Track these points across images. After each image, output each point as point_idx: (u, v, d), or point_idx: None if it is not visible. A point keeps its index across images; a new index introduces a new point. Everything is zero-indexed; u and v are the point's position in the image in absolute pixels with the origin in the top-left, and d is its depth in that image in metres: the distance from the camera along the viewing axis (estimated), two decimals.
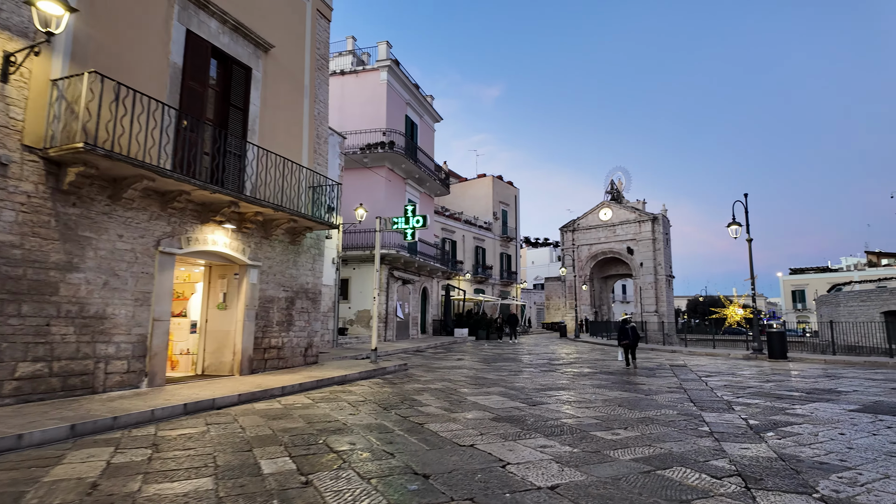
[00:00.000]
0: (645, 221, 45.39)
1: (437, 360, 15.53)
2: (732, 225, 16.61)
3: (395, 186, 23.09)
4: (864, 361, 13.39)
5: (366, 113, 22.66)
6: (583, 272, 48.03)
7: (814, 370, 12.38)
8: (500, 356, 17.10)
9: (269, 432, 5.84)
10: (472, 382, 10.19)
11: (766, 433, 5.78)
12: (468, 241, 40.21)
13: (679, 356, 18.10)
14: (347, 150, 21.89)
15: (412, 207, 12.90)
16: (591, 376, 11.43)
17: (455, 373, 11.91)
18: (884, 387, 9.25)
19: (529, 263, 77.63)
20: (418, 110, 26.11)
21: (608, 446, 5.23)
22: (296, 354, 11.70)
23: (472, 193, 47.04)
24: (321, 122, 13.03)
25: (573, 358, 16.95)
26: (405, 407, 7.46)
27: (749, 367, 13.46)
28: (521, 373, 12.03)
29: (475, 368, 12.96)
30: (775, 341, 14.91)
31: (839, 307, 28.82)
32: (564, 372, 12.37)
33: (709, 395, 8.62)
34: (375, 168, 22.05)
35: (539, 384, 10.02)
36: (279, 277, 11.29)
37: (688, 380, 10.71)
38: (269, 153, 10.43)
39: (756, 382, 10.25)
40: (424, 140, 26.63)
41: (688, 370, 12.79)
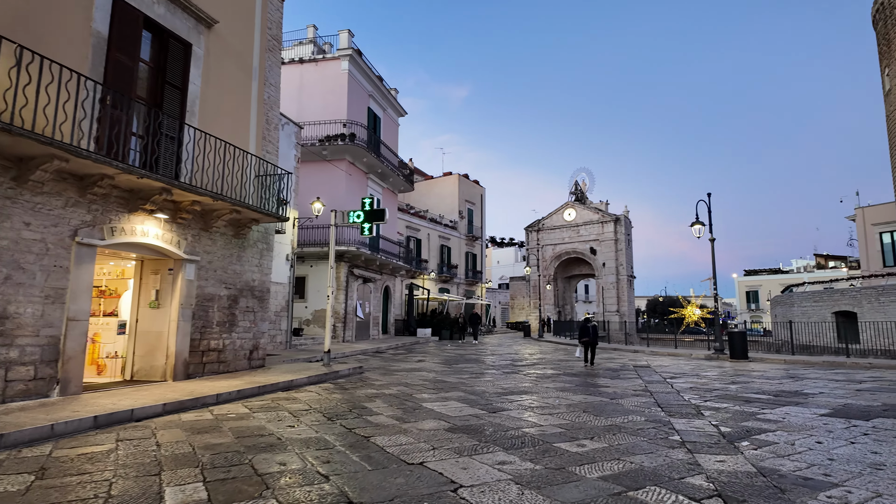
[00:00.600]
0: (608, 222, 45.84)
1: (397, 361, 14.82)
2: (696, 224, 16.55)
3: (357, 181, 22.22)
4: (822, 361, 13.45)
5: (326, 104, 21.70)
6: (547, 272, 48.13)
7: (776, 371, 12.29)
8: (463, 357, 16.53)
9: (188, 450, 5.03)
10: (431, 387, 9.55)
11: (740, 442, 5.36)
12: (433, 240, 39.59)
13: (642, 356, 17.96)
14: (305, 141, 20.90)
15: (370, 201, 12.16)
16: (555, 378, 10.97)
17: (413, 376, 11.24)
18: (848, 388, 9.11)
19: (495, 263, 77.69)
20: (382, 103, 25.28)
21: (574, 461, 4.67)
22: (239, 358, 10.78)
23: (437, 192, 46.44)
24: (272, 107, 12.12)
25: (536, 359, 16.54)
26: (353, 416, 6.75)
27: (712, 368, 13.31)
28: (483, 375, 11.46)
29: (435, 371, 12.33)
30: (737, 342, 14.88)
31: (793, 307, 29.55)
32: (527, 374, 11.88)
33: (676, 398, 8.24)
34: (335, 161, 21.13)
35: (501, 388, 9.46)
36: (220, 273, 10.35)
37: (653, 382, 10.37)
38: (209, 136, 9.50)
39: (721, 384, 9.99)
40: (388, 134, 25.82)
41: (652, 371, 12.51)
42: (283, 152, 16.93)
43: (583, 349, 14.57)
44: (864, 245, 37.47)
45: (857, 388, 9.16)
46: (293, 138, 17.52)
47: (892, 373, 11.81)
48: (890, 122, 30.12)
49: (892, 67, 29.37)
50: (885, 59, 30.27)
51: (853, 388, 9.17)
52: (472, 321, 27.53)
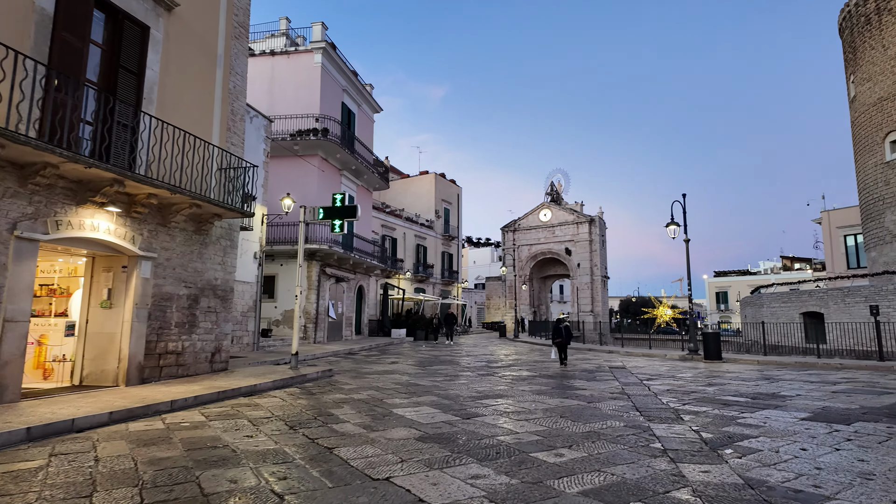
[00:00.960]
0: (583, 223, 46.11)
1: (369, 363, 14.37)
2: (671, 225, 16.54)
3: (330, 177, 21.63)
4: (794, 362, 13.54)
5: (298, 98, 21.06)
6: (523, 272, 48.17)
7: (751, 372, 12.28)
8: (437, 359, 16.16)
9: (129, 466, 4.54)
10: (403, 391, 9.15)
11: (723, 449, 5.13)
12: (409, 239, 39.14)
13: (616, 357, 17.89)
14: (276, 135, 20.23)
15: (341, 197, 11.69)
16: (531, 381, 10.69)
17: (385, 379, 10.82)
18: (823, 390, 9.06)
19: (471, 263, 77.62)
20: (356, 98, 24.72)
21: (552, 473, 4.36)
22: (200, 360, 10.19)
23: (414, 191, 46.00)
24: (237, 98, 11.55)
25: (512, 360, 16.29)
26: (317, 425, 6.31)
27: (688, 369, 13.25)
28: (458, 378, 11.12)
29: (408, 373, 11.93)
30: (711, 342, 14.89)
31: (762, 308, 30.06)
32: (503, 376, 11.58)
33: (654, 401, 8.04)
34: (307, 157, 20.51)
35: (475, 391, 9.13)
36: (180, 272, 9.76)
37: (629, 384, 10.19)
38: (167, 126, 8.90)
39: (698, 386, 9.86)
40: (363, 130, 25.29)
41: (628, 373, 12.37)
42: (252, 146, 16.29)
43: (556, 349, 14.83)
44: (830, 247, 38.49)
45: (832, 389, 9.13)
46: (262, 132, 16.88)
47: (864, 373, 11.92)
48: (855, 128, 30.94)
49: (857, 75, 30.16)
50: (850, 67, 31.09)
51: (829, 389, 9.14)
52: (446, 321, 26.89)
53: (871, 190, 28.74)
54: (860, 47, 29.92)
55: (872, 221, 28.58)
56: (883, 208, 27.67)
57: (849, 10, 30.92)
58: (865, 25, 29.98)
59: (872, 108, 28.73)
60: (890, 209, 27.18)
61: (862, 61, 29.67)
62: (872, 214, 28.55)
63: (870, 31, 29.74)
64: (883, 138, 28.08)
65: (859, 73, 29.64)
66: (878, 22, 29.28)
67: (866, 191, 29.28)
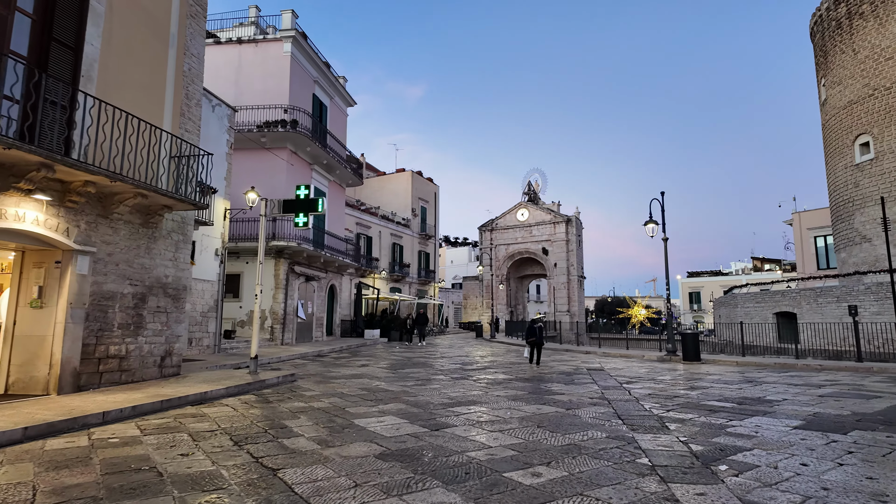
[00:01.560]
0: (559, 223, 45.99)
1: (338, 366, 13.63)
2: (649, 223, 16.21)
3: (300, 172, 20.74)
4: (774, 363, 13.30)
5: (266, 88, 20.13)
6: (500, 272, 47.82)
7: (732, 374, 11.95)
8: (410, 361, 15.50)
9: (25, 497, 3.78)
10: (369, 397, 8.47)
11: (717, 465, 4.61)
12: (385, 238, 38.36)
13: (594, 358, 17.52)
14: (242, 126, 19.29)
15: (305, 189, 10.93)
16: (507, 385, 10.13)
17: (352, 384, 10.12)
18: (810, 394, 8.71)
19: (448, 263, 77.15)
20: (329, 91, 23.86)
21: (528, 498, 3.76)
22: (147, 365, 9.33)
23: (390, 188, 45.22)
24: (193, 81, 10.69)
25: (488, 361, 15.73)
26: (266, 440, 5.60)
27: (667, 371, 12.88)
28: (430, 382, 10.48)
29: (377, 377, 11.24)
30: (690, 344, 14.58)
31: (736, 308, 30.21)
32: (478, 379, 10.99)
33: (636, 407, 7.54)
34: (275, 150, 19.60)
35: (448, 397, 8.51)
36: (125, 268, 8.89)
37: (609, 387, 9.71)
38: (106, 106, 8.03)
39: (681, 390, 9.43)
40: (335, 124, 24.43)
41: (606, 375, 11.92)
42: (214, 136, 15.39)
43: (530, 349, 14.97)
44: (801, 248, 39.08)
45: (818, 393, 8.79)
46: (226, 122, 15.96)
47: (844, 375, 11.71)
48: (826, 131, 31.36)
49: (828, 78, 30.55)
50: (821, 70, 31.51)
51: (815, 393, 8.79)
52: (418, 322, 25.62)
53: (841, 192, 29.13)
54: (831, 51, 30.31)
55: (842, 223, 28.96)
56: (853, 210, 28.04)
57: (820, 15, 31.32)
58: (836, 30, 30.38)
59: (842, 111, 29.12)
60: (859, 211, 27.55)
61: (833, 65, 30.07)
62: (843, 216, 28.93)
63: (840, 36, 30.13)
64: (853, 141, 28.47)
65: (830, 76, 30.04)
66: (848, 26, 29.67)
67: (836, 193, 29.69)
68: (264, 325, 18.74)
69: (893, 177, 26.25)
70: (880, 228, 26.57)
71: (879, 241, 26.61)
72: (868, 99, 27.99)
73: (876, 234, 26.76)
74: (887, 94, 27.12)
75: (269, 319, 18.81)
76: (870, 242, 27.16)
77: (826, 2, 30.68)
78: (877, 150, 27.27)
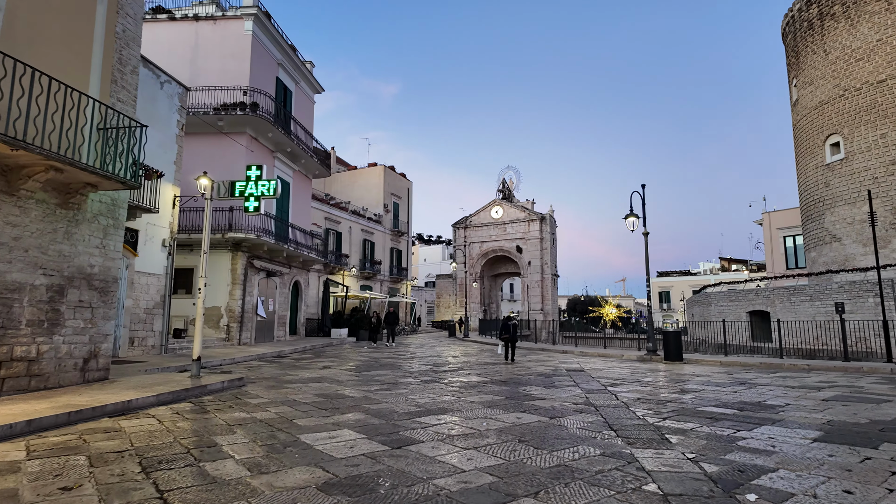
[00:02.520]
0: (534, 220, 45.48)
1: (297, 369, 12.44)
2: (630, 217, 15.51)
3: (260, 159, 19.35)
4: (759, 363, 12.71)
5: (225, 69, 18.70)
6: (474, 270, 47.02)
7: (720, 375, 11.26)
8: (378, 362, 14.41)
9: None
10: (325, 406, 7.38)
11: (742, 493, 3.72)
12: (355, 234, 37.05)
13: (571, 357, 16.77)
14: (198, 108, 17.83)
15: (257, 170, 9.75)
16: (481, 388, 9.17)
17: (308, 389, 8.99)
18: (811, 398, 8.01)
19: (422, 261, 76.19)
20: (294, 75, 22.48)
21: None
22: (66, 369, 8.01)
23: (362, 183, 43.90)
24: (128, 45, 9.37)
25: (461, 362, 14.77)
26: (185, 464, 4.48)
27: (651, 372, 12.14)
28: (396, 386, 9.43)
29: (339, 381, 10.13)
30: (672, 343, 13.91)
31: (710, 307, 30.08)
32: (450, 382, 10.00)
33: (627, 415, 6.67)
34: (234, 135, 18.19)
35: (415, 404, 7.49)
36: (36, 255, 7.56)
37: (593, 391, 8.85)
38: (17, 64, 6.72)
39: (671, 393, 8.63)
40: (301, 111, 23.08)
41: (587, 376, 11.10)
42: (163, 115, 13.99)
43: (503, 346, 15.34)
44: (770, 248, 39.45)
45: (820, 397, 8.10)
46: (176, 100, 14.55)
47: (837, 375, 11.16)
48: (797, 131, 31.52)
49: (799, 79, 30.69)
50: (793, 71, 31.66)
51: (816, 397, 8.10)
52: (387, 321, 23.63)
53: (811, 192, 29.27)
54: (803, 52, 30.45)
55: (813, 223, 29.10)
56: (823, 210, 28.17)
57: (792, 16, 31.46)
58: (808, 31, 30.52)
59: (814, 111, 29.25)
60: (830, 210, 27.68)
61: (804, 66, 30.21)
62: (813, 216, 29.06)
63: (812, 37, 30.26)
64: (823, 141, 28.61)
65: (801, 77, 30.18)
66: (820, 27, 29.81)
67: (807, 192, 29.83)
68: (220, 323, 17.35)
69: (863, 177, 26.39)
70: (850, 228, 26.71)
71: (849, 240, 26.75)
72: (839, 99, 28.13)
73: (846, 233, 26.89)
74: (857, 94, 27.27)
75: (224, 317, 17.43)
76: (840, 242, 27.30)
77: (798, 2, 30.78)
78: (847, 151, 27.41)
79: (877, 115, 26.36)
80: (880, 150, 26.20)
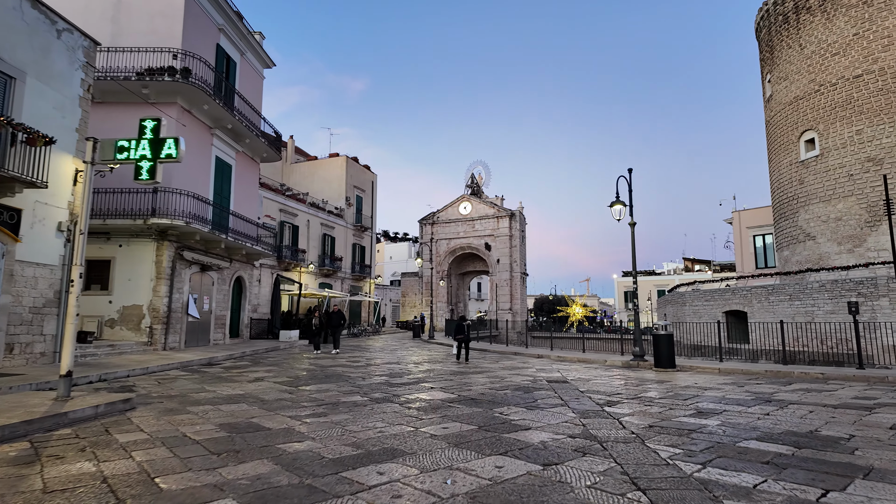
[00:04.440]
0: (503, 217, 43.86)
1: (220, 382, 10.12)
2: (616, 205, 13.77)
3: (195, 135, 16.75)
4: (765, 371, 11.09)
5: (154, 29, 16.06)
6: (441, 267, 45.04)
7: (729, 388, 9.51)
8: (324, 372, 12.18)
9: None
10: (222, 446, 5.18)
11: None
12: (314, 228, 34.50)
13: (548, 363, 14.94)
14: (117, 73, 15.17)
15: (153, 123, 7.45)
16: (447, 411, 7.12)
17: (215, 416, 6.74)
18: (872, 424, 6.27)
19: (387, 259, 73.83)
20: (239, 45, 19.91)
21: None
22: None
23: (322, 175, 41.26)
24: None
25: (423, 371, 12.69)
26: None
27: (647, 383, 10.34)
28: (336, 409, 7.29)
29: (264, 401, 7.91)
30: (664, 347, 12.17)
31: (684, 306, 29.02)
32: (407, 402, 7.92)
33: (647, 457, 4.76)
34: (162, 105, 15.55)
35: (353, 442, 5.37)
36: None
37: (588, 413, 6.95)
38: None
39: (689, 417, 6.78)
40: (248, 86, 20.52)
41: (574, 390, 9.21)
42: (60, 71, 11.42)
43: (457, 346, 15.83)
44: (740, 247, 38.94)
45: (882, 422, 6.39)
46: (80, 55, 11.94)
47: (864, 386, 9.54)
48: (770, 127, 30.77)
49: (773, 74, 29.91)
50: (767, 66, 30.90)
51: (878, 423, 6.36)
52: (330, 322, 18.79)
53: (785, 189, 28.51)
54: (777, 47, 29.70)
55: (786, 220, 28.35)
56: (797, 207, 27.41)
57: (767, 9, 30.70)
58: (783, 24, 29.77)
59: (788, 106, 28.50)
60: (804, 208, 26.92)
61: (779, 60, 29.45)
62: (786, 214, 28.31)
63: (787, 31, 29.50)
64: (798, 137, 27.85)
65: (776, 72, 29.41)
66: (795, 21, 29.06)
67: (780, 190, 29.08)
68: (141, 325, 14.74)
69: (839, 174, 25.66)
70: (825, 226, 25.94)
71: (824, 238, 26.00)
72: (814, 95, 27.38)
73: (820, 231, 26.14)
74: (833, 89, 26.54)
75: (147, 318, 14.81)
76: (814, 240, 26.56)
77: None
78: (822, 147, 26.68)
79: (852, 110, 25.65)
80: (856, 146, 25.49)
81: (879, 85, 25.39)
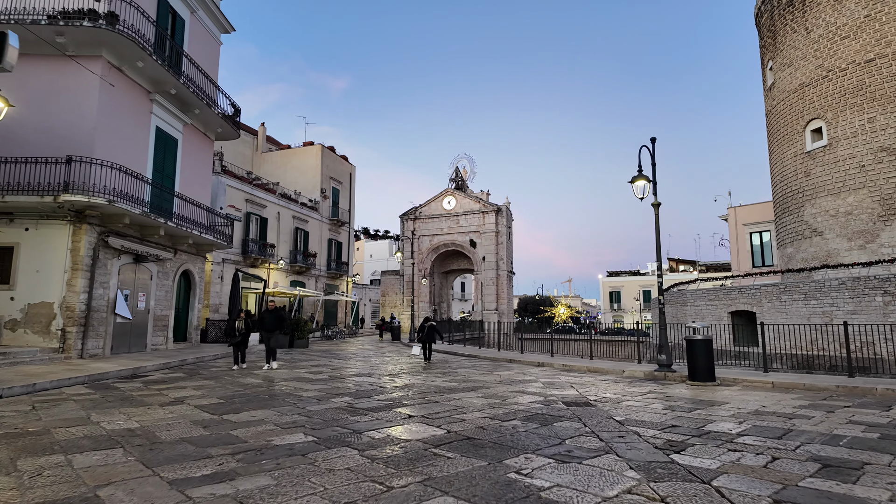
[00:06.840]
0: (489, 212, 41.47)
1: (122, 405, 7.39)
2: (638, 180, 11.29)
3: (127, 97, 13.86)
4: (836, 386, 8.74)
5: None
6: (423, 265, 42.44)
7: (817, 412, 7.06)
8: (269, 389, 9.49)
9: None
10: None
11: None
12: (285, 221, 31.64)
13: (552, 372, 12.50)
14: (24, 16, 12.24)
15: None
16: (431, 469, 4.55)
17: (41, 483, 4.09)
18: None
19: (367, 257, 70.94)
20: (190, 1, 17.04)
21: None
22: None
23: (296, 164, 38.33)
24: None
25: (401, 387, 10.07)
26: None
27: (698, 406, 7.87)
28: (257, 462, 4.66)
29: (155, 443, 5.24)
30: (701, 355, 9.68)
31: (685, 306, 26.96)
32: (371, 445, 5.33)
33: None
34: (83, 59, 12.67)
35: None
36: None
37: (655, 470, 4.48)
38: None
39: (821, 480, 4.34)
40: (200, 49, 17.64)
41: (608, 419, 6.74)
42: None
43: (421, 347, 16.22)
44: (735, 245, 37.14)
45: None
46: None
47: None
48: (771, 118, 28.84)
49: (776, 61, 27.95)
50: (769, 53, 28.96)
51: None
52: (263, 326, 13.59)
53: (788, 182, 26.61)
54: (781, 31, 27.80)
55: (790, 216, 26.46)
56: (802, 201, 25.50)
57: None
58: (787, 7, 27.84)
59: (793, 94, 26.57)
60: (810, 202, 25.02)
61: (783, 46, 27.54)
62: (790, 208, 26.42)
63: (792, 14, 27.57)
64: (804, 127, 25.93)
65: (779, 58, 27.50)
66: (801, 4, 27.12)
67: (783, 183, 27.17)
68: (51, 327, 11.86)
69: (849, 165, 23.77)
70: (833, 221, 24.04)
71: (832, 234, 24.09)
72: (821, 81, 25.45)
73: (828, 226, 24.23)
74: (843, 75, 24.63)
75: (59, 318, 11.93)
76: (821, 236, 24.64)
77: None
78: (830, 137, 24.77)
79: (864, 97, 23.74)
80: (867, 135, 23.57)
81: (893, 70, 23.48)
